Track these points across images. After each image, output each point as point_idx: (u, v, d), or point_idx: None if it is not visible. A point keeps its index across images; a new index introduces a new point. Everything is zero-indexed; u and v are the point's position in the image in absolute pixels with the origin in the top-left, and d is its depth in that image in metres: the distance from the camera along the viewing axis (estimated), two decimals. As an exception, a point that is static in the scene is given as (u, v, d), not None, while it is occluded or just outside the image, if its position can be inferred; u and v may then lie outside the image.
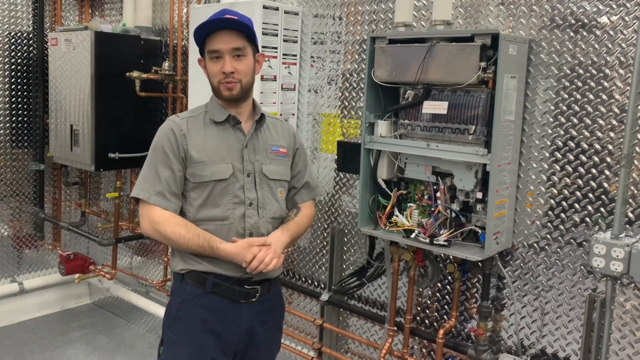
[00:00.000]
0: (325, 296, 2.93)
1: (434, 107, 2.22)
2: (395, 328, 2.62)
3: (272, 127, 2.13)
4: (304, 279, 3.13)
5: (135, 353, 3.79)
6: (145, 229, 1.98)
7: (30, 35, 4.10)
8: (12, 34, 4.02)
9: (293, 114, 3.00)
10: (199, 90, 3.07)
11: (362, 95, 2.74)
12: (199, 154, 1.97)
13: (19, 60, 4.06)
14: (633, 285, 2.01)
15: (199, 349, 1.97)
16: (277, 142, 2.11)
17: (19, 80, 4.07)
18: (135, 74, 3.43)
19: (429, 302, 2.61)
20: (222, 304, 1.98)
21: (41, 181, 4.20)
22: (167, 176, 1.95)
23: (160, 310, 3.73)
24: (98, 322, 4.27)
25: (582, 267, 2.13)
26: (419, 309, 2.64)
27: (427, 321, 2.62)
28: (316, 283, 3.07)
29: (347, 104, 2.84)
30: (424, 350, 2.64)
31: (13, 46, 4.03)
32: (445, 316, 2.55)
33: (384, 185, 2.41)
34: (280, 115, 2.92)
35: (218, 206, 1.97)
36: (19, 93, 4.08)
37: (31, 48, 4.10)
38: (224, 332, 1.99)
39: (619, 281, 2.02)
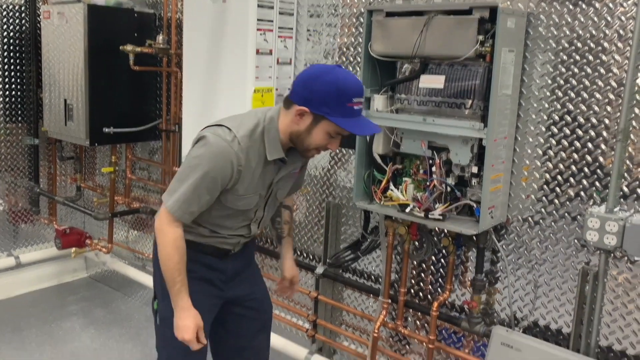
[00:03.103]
0: (320, 269, 2.91)
1: (430, 81, 2.18)
2: (390, 300, 2.62)
3: None
4: (299, 253, 3.11)
5: (132, 326, 3.78)
6: (156, 227, 1.93)
7: (23, 8, 3.98)
8: (3, 7, 3.90)
9: (289, 89, 2.94)
10: (193, 64, 3.02)
11: (358, 69, 2.68)
12: (244, 190, 1.92)
13: (12, 34, 3.95)
14: (626, 258, 2.00)
15: (198, 293, 2.00)
16: (296, 163, 2.04)
17: (11, 54, 3.96)
18: (129, 47, 3.34)
19: (423, 275, 2.60)
20: (212, 260, 2.08)
21: (36, 156, 4.13)
22: (207, 200, 1.89)
23: (156, 284, 3.72)
24: (95, 295, 4.25)
25: (575, 240, 2.11)
26: (413, 282, 2.63)
27: (421, 294, 2.61)
28: (311, 256, 3.06)
29: (343, 78, 2.78)
30: (417, 322, 2.64)
31: (5, 19, 3.92)
32: (439, 289, 2.54)
33: (379, 160, 2.38)
34: (276, 90, 2.86)
35: (231, 219, 2.01)
36: (12, 67, 3.98)
37: (23, 21, 3.99)
38: (215, 280, 2.10)
39: (612, 254, 2.01)
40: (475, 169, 2.15)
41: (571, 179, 2.10)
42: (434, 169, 2.21)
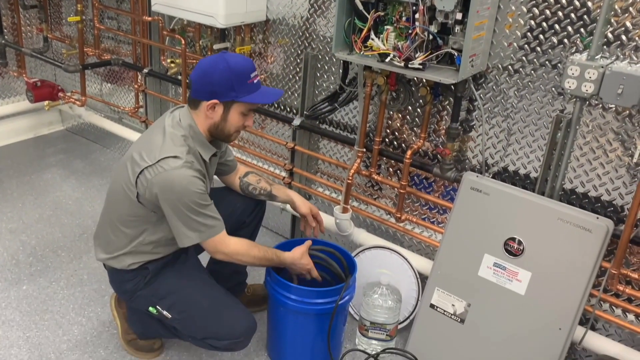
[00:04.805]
0: (297, 121, 2.81)
1: None
2: (365, 149, 2.56)
3: None
4: (276, 105, 2.97)
5: (111, 176, 3.69)
6: (229, 257, 1.98)
7: None
8: None
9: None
10: None
11: None
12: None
13: None
14: (600, 106, 1.94)
15: (189, 272, 2.12)
16: (222, 148, 2.16)
17: None
18: None
19: (398, 124, 2.52)
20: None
21: (-4, 4, 3.72)
22: (214, 209, 1.94)
23: (134, 135, 3.57)
24: (73, 147, 4.09)
25: (553, 88, 2.03)
26: (388, 131, 2.56)
27: (395, 143, 2.55)
28: (289, 109, 2.93)
29: None
30: (390, 169, 2.61)
31: None
32: (413, 138, 2.49)
33: (361, 7, 2.18)
34: None
35: None
36: None
37: None
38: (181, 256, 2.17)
39: (587, 102, 1.95)
40: (459, 16, 1.98)
41: (556, 26, 1.96)
42: (417, 15, 2.04)
